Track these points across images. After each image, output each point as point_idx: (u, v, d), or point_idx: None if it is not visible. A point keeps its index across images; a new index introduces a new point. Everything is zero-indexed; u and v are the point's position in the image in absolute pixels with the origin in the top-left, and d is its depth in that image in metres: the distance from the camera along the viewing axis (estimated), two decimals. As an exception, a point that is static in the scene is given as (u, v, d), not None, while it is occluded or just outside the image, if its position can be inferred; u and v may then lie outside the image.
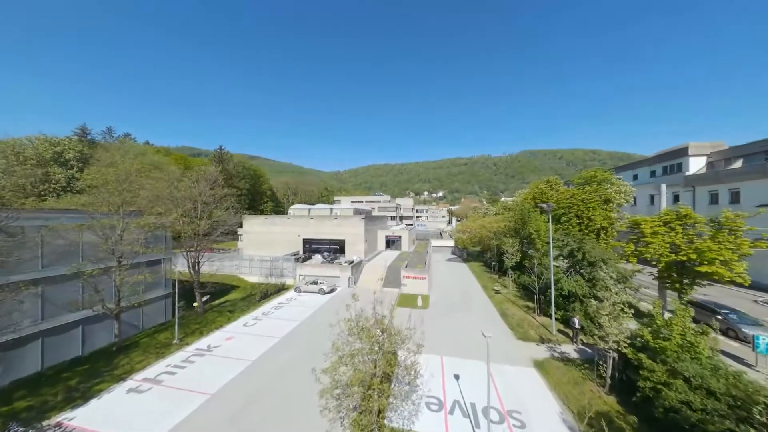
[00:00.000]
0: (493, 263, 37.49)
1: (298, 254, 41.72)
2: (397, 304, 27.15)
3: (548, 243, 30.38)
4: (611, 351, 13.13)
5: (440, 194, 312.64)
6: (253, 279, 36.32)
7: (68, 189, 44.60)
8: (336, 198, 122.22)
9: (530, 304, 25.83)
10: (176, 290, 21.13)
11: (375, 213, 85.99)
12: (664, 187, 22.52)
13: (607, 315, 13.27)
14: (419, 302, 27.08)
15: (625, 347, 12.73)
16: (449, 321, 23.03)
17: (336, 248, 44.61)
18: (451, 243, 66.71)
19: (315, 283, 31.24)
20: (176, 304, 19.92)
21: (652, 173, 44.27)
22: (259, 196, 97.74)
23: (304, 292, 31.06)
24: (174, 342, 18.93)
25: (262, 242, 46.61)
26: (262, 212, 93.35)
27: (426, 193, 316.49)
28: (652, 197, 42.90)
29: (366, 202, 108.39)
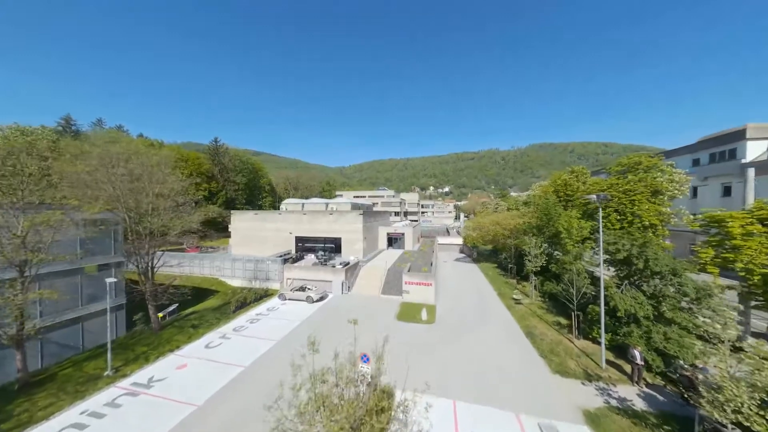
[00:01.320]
0: (510, 266, 32.53)
1: (289, 254, 37.42)
2: (398, 317, 22.56)
3: (583, 243, 25.32)
4: (729, 424, 8.24)
5: (446, 189, 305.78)
6: (235, 283, 32.14)
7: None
8: (338, 193, 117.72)
9: (562, 321, 20.89)
10: (109, 304, 16.83)
11: (378, 208, 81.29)
12: (751, 172, 17.21)
13: (724, 368, 8.31)
14: (424, 315, 22.40)
15: (758, 424, 7.82)
16: (462, 343, 18.29)
17: (332, 247, 40.18)
18: (459, 240, 61.66)
19: (302, 289, 26.81)
20: (109, 322, 15.64)
21: (695, 162, 38.21)
22: (257, 190, 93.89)
23: (289, 300, 26.67)
24: (105, 374, 14.69)
25: (253, 240, 42.48)
26: (260, 207, 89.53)
27: (432, 188, 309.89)
28: (695, 189, 36.99)
29: (369, 197, 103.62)
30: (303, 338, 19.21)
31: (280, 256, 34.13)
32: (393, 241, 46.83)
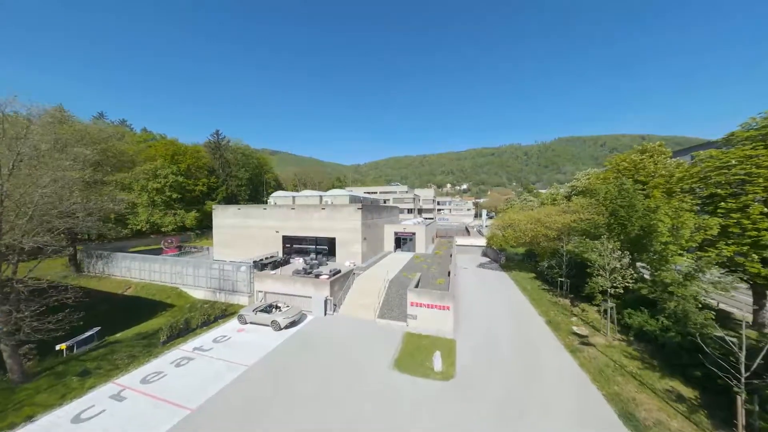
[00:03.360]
0: (560, 280, 23.48)
1: (272, 257, 30.37)
2: (396, 364, 14.56)
3: (686, 251, 16.00)
4: None
5: (464, 187, 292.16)
6: (197, 294, 25.49)
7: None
8: (348, 189, 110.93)
9: (683, 390, 11.98)
10: None
11: (390, 204, 73.27)
12: None
13: None
14: (437, 363, 14.23)
15: None
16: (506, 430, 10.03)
17: (325, 250, 32.83)
18: (482, 242, 52.48)
19: (268, 309, 19.48)
20: None
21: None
22: (262, 186, 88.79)
23: (250, 323, 19.44)
24: None
25: (236, 240, 36.08)
26: (265, 203, 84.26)
27: (449, 185, 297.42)
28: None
29: (380, 192, 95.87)
30: (234, 413, 10.54)
31: (258, 261, 27.10)
32: (401, 242, 38.75)
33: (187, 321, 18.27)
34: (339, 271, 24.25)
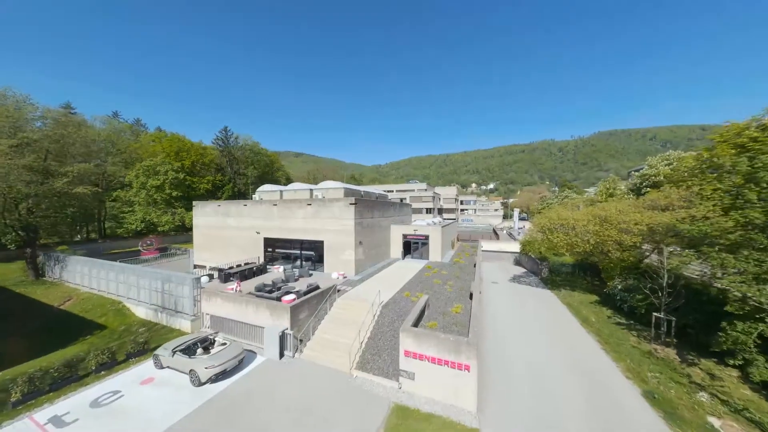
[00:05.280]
0: (656, 315, 14.59)
1: (248, 265, 24.34)
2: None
3: None
4: None
5: (491, 186, 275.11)
6: (140, 312, 19.95)
7: None
8: (365, 185, 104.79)
9: None
10: None
11: (407, 202, 65.72)
12: None
13: None
14: None
15: None
16: None
17: (312, 255, 26.28)
18: (513, 247, 43.22)
19: (191, 350, 13.01)
20: None
21: None
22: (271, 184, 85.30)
23: (168, 368, 13.14)
24: None
25: (215, 242, 30.87)
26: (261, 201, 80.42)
27: (474, 185, 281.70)
28: None
29: (397, 191, 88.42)
30: None
31: (223, 269, 21.10)
32: (412, 247, 31.17)
33: (70, 364, 12.31)
34: (317, 288, 17.43)
